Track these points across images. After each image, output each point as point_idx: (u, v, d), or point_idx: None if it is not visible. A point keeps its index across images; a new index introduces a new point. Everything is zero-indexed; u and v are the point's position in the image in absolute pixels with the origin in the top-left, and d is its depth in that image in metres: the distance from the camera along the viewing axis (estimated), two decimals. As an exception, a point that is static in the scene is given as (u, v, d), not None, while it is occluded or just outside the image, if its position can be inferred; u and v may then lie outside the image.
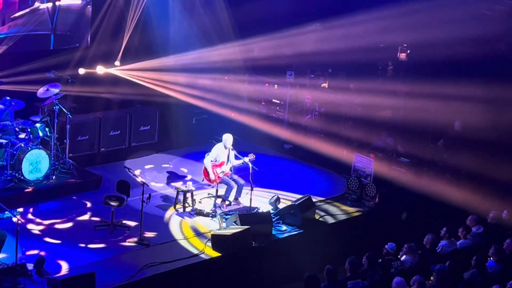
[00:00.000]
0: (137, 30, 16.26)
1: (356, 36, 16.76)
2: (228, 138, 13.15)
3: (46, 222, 12.38)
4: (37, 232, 11.97)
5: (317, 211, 13.20)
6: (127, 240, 11.86)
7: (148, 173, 14.65)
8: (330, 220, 13.24)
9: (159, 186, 14.00)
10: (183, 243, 12.08)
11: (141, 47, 16.34)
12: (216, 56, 16.46)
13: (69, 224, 12.38)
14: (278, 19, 17.24)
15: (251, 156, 13.14)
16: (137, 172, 13.81)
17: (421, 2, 16.85)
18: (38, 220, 12.36)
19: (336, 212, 13.54)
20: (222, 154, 13.14)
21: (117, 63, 15.78)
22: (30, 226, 12.02)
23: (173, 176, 14.51)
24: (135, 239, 11.86)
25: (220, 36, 17.13)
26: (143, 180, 12.42)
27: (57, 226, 12.28)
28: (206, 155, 13.26)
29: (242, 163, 13.20)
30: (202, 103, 16.48)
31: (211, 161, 13.08)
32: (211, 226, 12.55)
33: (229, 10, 17.61)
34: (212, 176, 13.12)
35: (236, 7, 17.36)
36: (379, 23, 16.84)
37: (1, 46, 14.63)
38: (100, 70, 15.61)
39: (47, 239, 11.80)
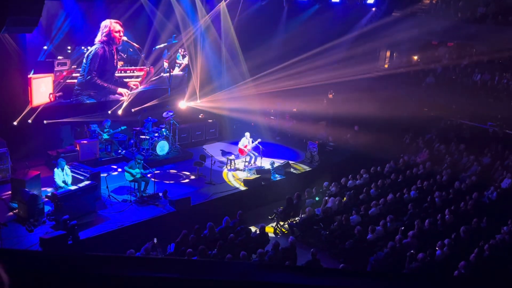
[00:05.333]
0: (203, 82, 15.49)
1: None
2: (246, 133, 13.54)
3: (168, 173, 12.78)
4: (163, 179, 12.32)
5: (291, 168, 13.45)
6: (204, 182, 12.28)
7: (214, 151, 14.80)
8: (297, 172, 13.53)
9: (218, 157, 14.11)
10: (230, 183, 12.42)
11: (207, 91, 15.66)
12: (237, 92, 15.74)
13: (178, 175, 12.79)
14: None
15: (259, 140, 13.37)
16: (208, 150, 14.35)
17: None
18: (164, 173, 12.69)
19: (300, 168, 13.75)
20: (245, 141, 13.39)
21: (198, 100, 15.66)
22: (159, 176, 12.32)
23: (225, 152, 14.54)
24: (208, 181, 12.26)
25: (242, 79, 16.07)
26: (211, 154, 13.43)
27: (172, 175, 12.64)
28: (239, 143, 13.57)
29: (255, 144, 13.23)
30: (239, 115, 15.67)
31: (242, 145, 13.43)
32: (243, 175, 12.89)
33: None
34: (243, 152, 13.42)
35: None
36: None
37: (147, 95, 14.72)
38: (192, 104, 15.63)
39: (168, 182, 12.22)
